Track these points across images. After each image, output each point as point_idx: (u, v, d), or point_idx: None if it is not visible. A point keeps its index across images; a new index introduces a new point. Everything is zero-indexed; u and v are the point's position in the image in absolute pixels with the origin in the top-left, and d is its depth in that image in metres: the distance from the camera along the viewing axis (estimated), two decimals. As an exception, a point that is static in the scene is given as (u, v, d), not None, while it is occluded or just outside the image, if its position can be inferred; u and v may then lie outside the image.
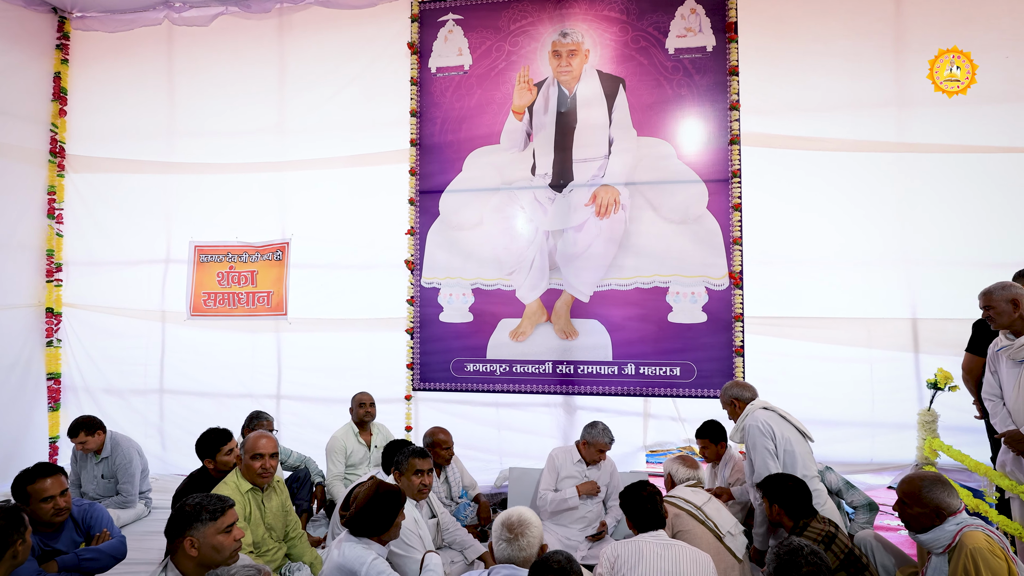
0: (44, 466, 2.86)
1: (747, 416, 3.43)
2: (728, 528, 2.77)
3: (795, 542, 1.96)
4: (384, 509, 2.47)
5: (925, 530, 2.50)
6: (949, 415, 4.05)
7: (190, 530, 2.10)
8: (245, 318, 5.43)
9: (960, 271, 4.24)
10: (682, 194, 4.66)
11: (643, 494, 2.60)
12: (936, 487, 2.52)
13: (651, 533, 2.52)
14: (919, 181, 4.38)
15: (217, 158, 5.51)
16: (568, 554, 1.98)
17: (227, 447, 3.45)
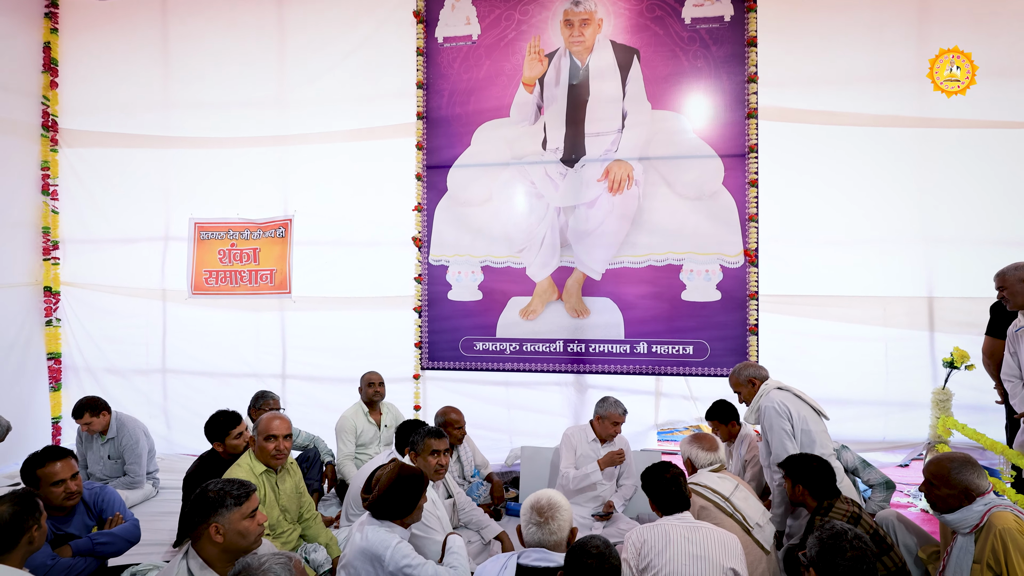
0: (53, 449, 2.79)
1: (762, 397, 3.38)
2: (756, 519, 2.72)
3: (837, 526, 1.92)
4: (407, 492, 2.42)
5: (952, 510, 2.47)
6: (964, 394, 4.03)
7: (214, 516, 2.04)
8: (248, 296, 5.33)
9: (979, 249, 4.18)
10: (697, 169, 4.55)
11: (666, 476, 2.54)
12: (965, 468, 2.49)
13: (676, 516, 2.47)
14: (940, 157, 4.29)
15: (216, 132, 5.34)
16: (604, 538, 1.93)
17: (236, 430, 3.39)
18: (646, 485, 2.59)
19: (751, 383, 3.49)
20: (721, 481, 2.80)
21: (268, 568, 1.66)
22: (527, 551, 2.15)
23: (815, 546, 1.90)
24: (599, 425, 3.79)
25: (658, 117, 4.62)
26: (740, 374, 3.56)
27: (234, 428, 3.37)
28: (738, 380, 3.56)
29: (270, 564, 1.68)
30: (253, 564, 1.67)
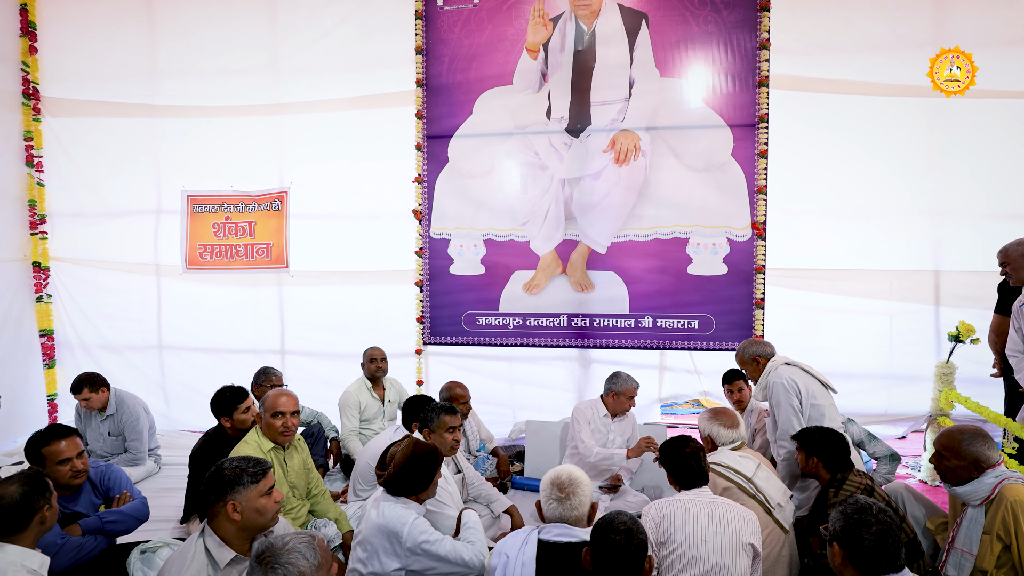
0: (58, 427, 2.73)
1: (770, 373, 3.36)
2: (778, 500, 2.70)
3: (861, 500, 1.90)
4: (422, 469, 2.39)
5: (963, 482, 2.48)
6: (967, 368, 4.04)
7: (231, 494, 1.99)
8: (244, 271, 5.21)
9: (987, 223, 4.15)
10: (706, 140, 4.45)
11: (685, 451, 2.52)
12: (976, 440, 2.49)
13: (695, 491, 2.46)
14: (951, 128, 4.21)
15: (206, 100, 5.14)
16: (630, 514, 1.91)
17: (243, 405, 3.34)
18: (665, 459, 2.57)
19: (755, 361, 3.47)
20: (743, 460, 2.77)
21: (292, 548, 1.62)
22: (548, 526, 2.13)
23: (839, 520, 1.89)
24: (613, 401, 3.77)
25: (667, 85, 4.49)
26: (745, 352, 3.52)
27: (241, 403, 3.32)
28: (743, 358, 3.53)
29: (294, 544, 1.63)
30: (277, 544, 1.63)
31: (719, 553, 2.24)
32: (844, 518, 1.88)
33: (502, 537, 2.95)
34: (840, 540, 1.87)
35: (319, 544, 1.67)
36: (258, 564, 1.60)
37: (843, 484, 2.75)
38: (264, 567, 1.59)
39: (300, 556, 1.60)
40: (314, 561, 1.61)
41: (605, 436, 3.82)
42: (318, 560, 1.62)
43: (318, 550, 1.65)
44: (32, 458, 2.65)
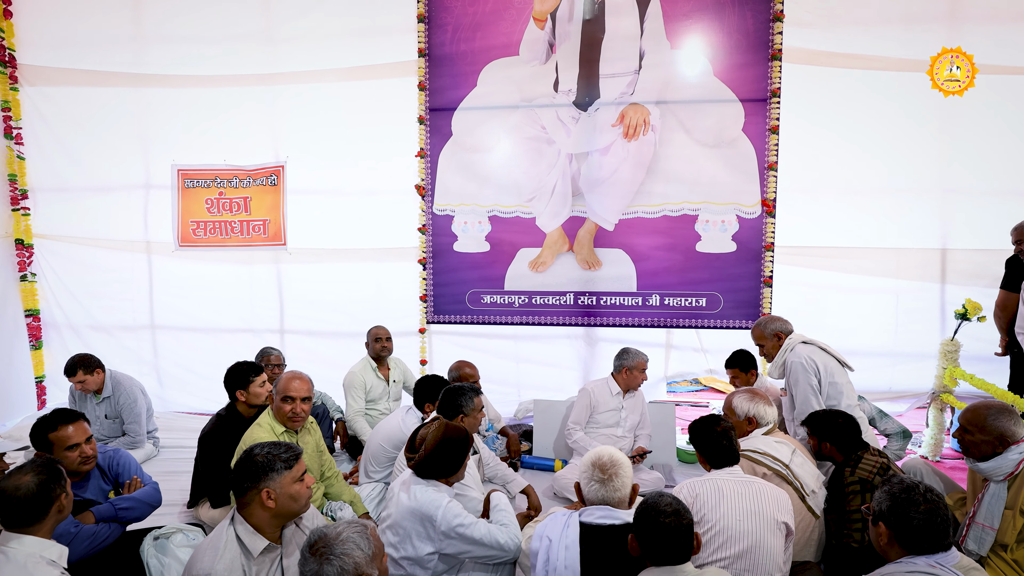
0: (64, 412, 2.61)
1: (789, 351, 3.35)
2: (812, 486, 2.69)
3: (907, 480, 1.89)
4: (454, 452, 2.34)
5: (986, 458, 2.50)
6: (971, 345, 4.09)
7: (265, 480, 1.92)
8: (240, 249, 5.05)
9: (995, 201, 4.16)
10: (716, 115, 4.37)
11: (717, 430, 2.49)
12: (1002, 415, 2.51)
13: (727, 469, 2.44)
14: (962, 104, 4.18)
15: (195, 69, 4.90)
16: (673, 495, 1.88)
17: (259, 379, 3.24)
18: (696, 439, 2.54)
19: (777, 337, 3.45)
20: (779, 446, 2.75)
21: (347, 538, 1.56)
22: (589, 509, 2.10)
23: (886, 500, 1.87)
24: (627, 376, 3.75)
25: (677, 58, 4.39)
26: (766, 327, 3.50)
27: (257, 376, 3.22)
28: (763, 333, 3.51)
29: (348, 533, 1.57)
30: (330, 534, 1.57)
31: (754, 533, 2.23)
32: (891, 498, 1.86)
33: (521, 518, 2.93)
34: (887, 520, 1.85)
35: (372, 533, 1.61)
36: (311, 555, 1.54)
37: (859, 464, 2.75)
38: (319, 558, 1.52)
39: (355, 546, 1.54)
40: (368, 551, 1.56)
41: (618, 414, 3.81)
42: (372, 550, 1.57)
43: (371, 539, 1.59)
44: (39, 444, 2.54)
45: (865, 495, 2.65)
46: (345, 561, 1.53)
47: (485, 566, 2.37)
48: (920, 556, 1.80)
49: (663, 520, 1.77)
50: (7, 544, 1.90)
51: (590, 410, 3.81)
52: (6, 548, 1.89)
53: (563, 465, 3.98)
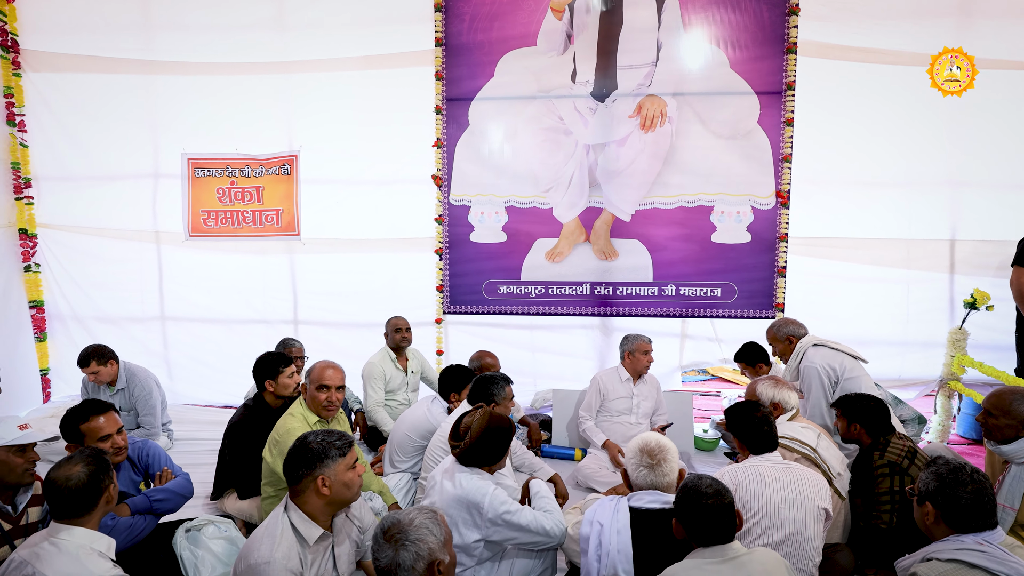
0: (95, 403, 2.58)
1: (802, 357, 3.43)
2: (838, 469, 2.75)
3: (954, 461, 1.95)
4: (498, 440, 2.36)
5: (1009, 441, 2.58)
6: (979, 334, 4.20)
7: (320, 468, 1.93)
8: (252, 239, 5.00)
9: (1003, 193, 4.26)
10: (732, 107, 4.41)
11: (756, 416, 2.53)
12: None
13: (766, 456, 2.48)
14: (972, 98, 4.27)
15: (206, 57, 4.83)
16: (712, 477, 1.92)
17: (288, 369, 3.23)
18: (735, 425, 2.57)
19: (788, 340, 3.54)
20: (805, 431, 2.80)
21: (420, 524, 1.58)
22: (638, 494, 2.13)
23: (932, 481, 1.92)
24: (630, 361, 3.80)
25: (694, 50, 4.42)
26: (780, 331, 3.59)
27: (287, 366, 3.20)
28: (776, 336, 3.61)
29: (420, 519, 1.59)
30: (403, 520, 1.59)
31: (797, 520, 2.27)
32: (938, 479, 1.91)
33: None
34: (934, 500, 1.90)
35: (441, 519, 1.63)
36: (386, 541, 1.55)
37: (887, 447, 2.82)
38: (394, 544, 1.54)
39: (428, 532, 1.56)
40: (440, 537, 1.58)
41: (629, 401, 3.86)
42: (444, 535, 1.59)
43: (442, 525, 1.61)
44: (69, 435, 2.51)
45: (894, 478, 2.71)
46: (420, 547, 1.56)
47: (529, 552, 2.39)
48: (968, 534, 1.85)
49: (706, 502, 1.81)
50: (57, 535, 1.88)
51: (600, 398, 3.85)
52: (57, 540, 1.87)
53: (583, 454, 4.02)
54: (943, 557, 1.82)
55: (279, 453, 2.79)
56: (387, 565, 1.54)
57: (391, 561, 1.54)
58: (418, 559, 1.54)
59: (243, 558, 1.88)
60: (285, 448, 2.75)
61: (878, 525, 2.70)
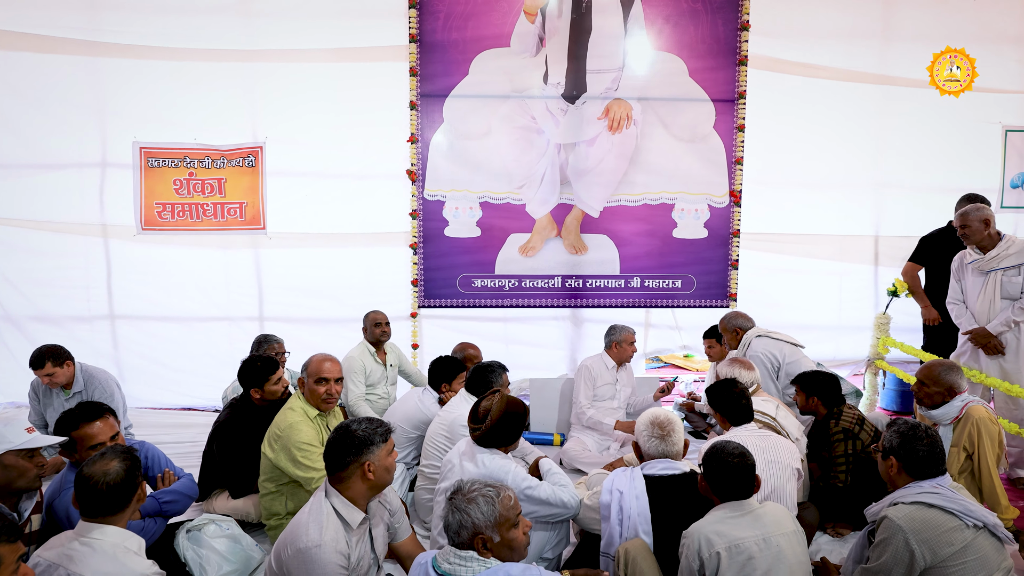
0: (88, 407, 2.46)
1: (747, 347, 3.81)
2: (796, 435, 3.11)
3: (911, 421, 2.29)
4: (516, 423, 2.50)
5: (937, 406, 3.03)
6: (900, 318, 4.78)
7: (366, 454, 1.98)
8: (214, 232, 4.81)
9: (919, 195, 4.89)
10: (691, 112, 4.77)
11: (735, 391, 2.83)
12: (951, 371, 3.05)
13: (744, 427, 2.79)
14: (894, 111, 4.87)
15: (161, 40, 4.59)
16: (736, 442, 2.16)
17: (275, 376, 3.19)
18: (715, 400, 2.86)
19: (736, 332, 3.93)
20: (765, 403, 3.14)
21: (475, 498, 1.71)
22: (650, 463, 2.34)
23: (895, 438, 2.23)
24: (617, 350, 4.05)
25: (657, 58, 4.73)
26: (730, 323, 3.98)
27: (273, 373, 3.17)
28: (726, 327, 4.00)
29: (479, 495, 1.72)
30: (465, 488, 1.73)
31: (776, 479, 2.58)
32: (900, 435, 2.23)
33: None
34: (897, 453, 2.21)
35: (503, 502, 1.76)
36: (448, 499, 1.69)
37: (841, 416, 3.22)
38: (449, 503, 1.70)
39: (477, 508, 1.71)
40: (491, 517, 1.72)
41: (613, 387, 4.11)
42: (496, 516, 1.72)
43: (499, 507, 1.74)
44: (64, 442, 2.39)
45: (848, 442, 3.12)
46: (465, 518, 1.70)
47: (546, 524, 2.55)
48: (925, 481, 2.19)
49: (732, 461, 2.05)
50: (89, 535, 1.83)
51: (592, 386, 4.07)
52: (89, 539, 1.82)
53: (561, 439, 4.23)
54: (907, 501, 2.13)
55: (281, 448, 2.78)
56: (445, 523, 1.70)
57: (457, 523, 1.69)
58: (462, 528, 1.69)
59: (288, 544, 1.91)
60: (288, 443, 2.77)
61: (836, 484, 3.09)
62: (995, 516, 2.03)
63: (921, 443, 2.19)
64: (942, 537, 1.95)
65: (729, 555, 1.87)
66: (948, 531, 1.96)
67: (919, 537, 1.95)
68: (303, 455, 2.70)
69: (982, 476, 2.86)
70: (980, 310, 3.75)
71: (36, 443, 2.15)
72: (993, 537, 2.00)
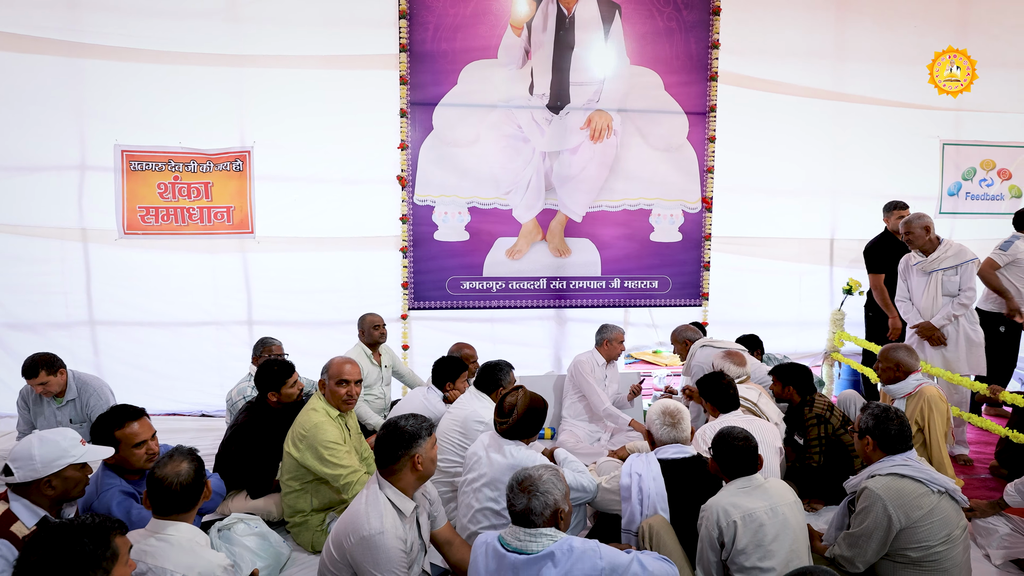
0: (126, 408, 2.52)
1: (692, 356, 4.14)
2: (775, 419, 3.46)
3: (883, 405, 2.63)
4: (539, 416, 2.69)
5: (893, 382, 3.43)
6: (853, 314, 5.26)
7: (415, 447, 2.14)
8: (200, 237, 4.80)
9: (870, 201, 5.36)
10: (667, 124, 5.09)
11: (723, 382, 3.14)
12: (902, 352, 3.47)
13: (732, 413, 3.10)
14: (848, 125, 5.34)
15: (145, 43, 4.54)
16: (740, 427, 2.44)
17: (291, 379, 3.29)
18: (706, 391, 3.16)
19: (685, 343, 4.27)
20: (749, 391, 3.46)
21: (547, 479, 1.91)
22: (662, 448, 2.60)
23: (870, 419, 2.55)
24: (608, 348, 4.30)
25: (635, 72, 5.02)
26: (680, 335, 4.34)
27: (289, 377, 3.26)
28: (677, 339, 4.35)
29: (547, 475, 1.91)
30: (534, 475, 1.91)
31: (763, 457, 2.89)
32: (875, 417, 2.56)
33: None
34: (872, 432, 2.54)
35: (561, 476, 1.96)
36: (521, 491, 1.87)
37: (814, 403, 3.58)
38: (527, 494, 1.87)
39: (553, 486, 1.91)
40: (563, 491, 1.92)
41: (603, 383, 4.37)
42: (565, 490, 1.93)
43: (563, 480, 1.95)
44: (104, 441, 2.44)
45: (820, 426, 3.47)
46: (548, 498, 1.90)
47: (567, 507, 2.78)
48: (896, 455, 2.53)
49: (738, 444, 2.33)
50: (164, 531, 1.93)
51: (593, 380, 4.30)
52: (164, 536, 1.92)
53: (552, 432, 4.46)
54: (883, 473, 2.46)
55: (307, 447, 2.90)
56: (522, 510, 1.86)
57: (525, 507, 1.86)
58: (546, 507, 1.88)
59: (350, 533, 2.05)
60: (315, 442, 2.89)
61: (810, 464, 3.44)
62: (953, 483, 2.38)
63: (892, 423, 2.52)
64: (913, 502, 2.28)
65: (744, 523, 2.13)
66: (918, 497, 2.29)
67: (895, 503, 2.28)
68: (330, 453, 2.83)
69: (932, 449, 3.25)
70: (924, 306, 4.21)
71: (95, 455, 2.20)
72: (952, 500, 2.35)
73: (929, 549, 2.25)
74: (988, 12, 5.32)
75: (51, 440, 2.09)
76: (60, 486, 2.09)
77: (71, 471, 2.11)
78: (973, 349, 4.07)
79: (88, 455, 2.17)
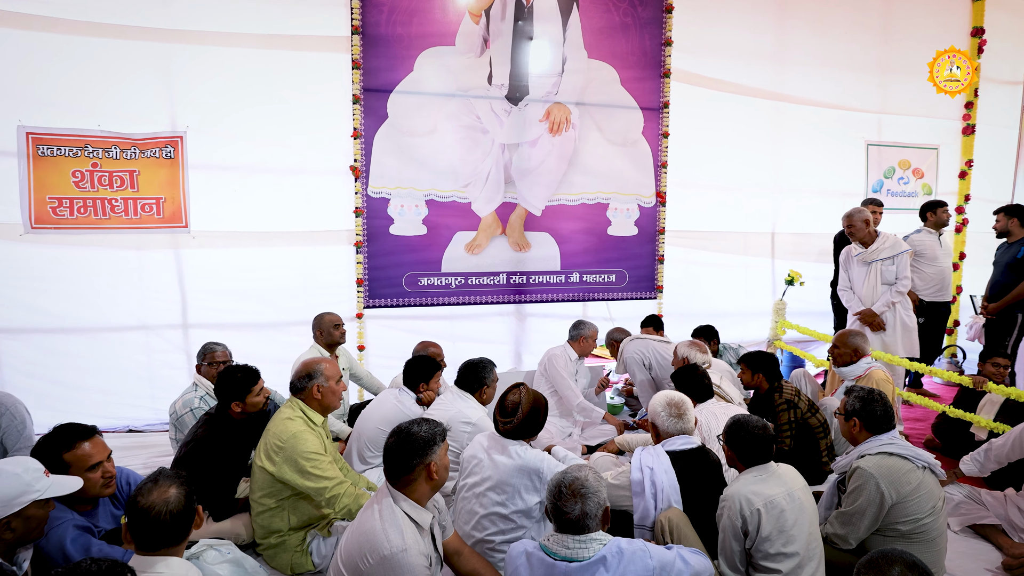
0: (75, 427, 2.17)
1: (623, 353, 4.27)
2: (738, 400, 3.57)
3: (867, 388, 2.77)
4: (542, 415, 2.60)
5: (846, 365, 3.66)
6: (794, 304, 5.58)
7: (430, 455, 1.98)
8: (125, 231, 4.28)
9: (809, 198, 5.72)
10: (624, 119, 5.14)
11: (698, 373, 3.21)
12: (858, 337, 3.70)
13: (708, 401, 3.18)
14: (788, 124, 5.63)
15: (54, 10, 3.98)
16: (757, 416, 2.46)
17: (257, 387, 2.98)
18: (682, 384, 3.21)
19: (614, 344, 4.40)
20: (711, 374, 3.57)
21: (593, 480, 1.82)
22: (668, 441, 2.58)
23: (856, 402, 2.68)
24: (582, 344, 4.28)
25: (593, 66, 5.02)
26: (609, 337, 4.48)
27: (255, 384, 2.95)
28: (608, 341, 4.49)
29: (591, 476, 1.83)
30: (580, 477, 1.83)
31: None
32: (860, 400, 2.69)
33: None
34: (858, 415, 2.67)
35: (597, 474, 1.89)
36: (571, 496, 1.80)
37: (783, 389, 3.73)
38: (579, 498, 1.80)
39: (600, 485, 1.84)
40: (605, 488, 1.85)
41: (574, 376, 4.35)
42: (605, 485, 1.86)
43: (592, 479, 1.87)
44: (53, 465, 2.08)
45: (790, 411, 3.62)
46: (599, 498, 1.84)
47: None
48: (881, 435, 2.66)
49: (756, 432, 2.36)
50: (153, 570, 1.66)
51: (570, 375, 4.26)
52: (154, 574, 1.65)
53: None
54: (872, 452, 2.59)
55: (284, 460, 2.64)
56: (578, 516, 1.79)
57: (581, 511, 1.79)
58: (599, 507, 1.81)
59: (367, 554, 1.86)
60: (294, 453, 2.65)
61: (782, 448, 3.58)
62: (933, 457, 2.53)
63: (877, 405, 2.65)
64: (902, 478, 2.40)
65: (767, 511, 2.15)
66: (906, 473, 2.41)
67: (887, 480, 2.39)
68: (312, 465, 2.59)
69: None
70: (865, 294, 4.52)
71: (63, 488, 1.86)
72: (933, 474, 2.50)
73: (918, 522, 2.38)
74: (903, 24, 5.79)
75: (10, 473, 1.74)
76: (20, 527, 1.76)
77: (33, 509, 1.78)
78: (908, 334, 4.42)
79: (54, 489, 1.83)
